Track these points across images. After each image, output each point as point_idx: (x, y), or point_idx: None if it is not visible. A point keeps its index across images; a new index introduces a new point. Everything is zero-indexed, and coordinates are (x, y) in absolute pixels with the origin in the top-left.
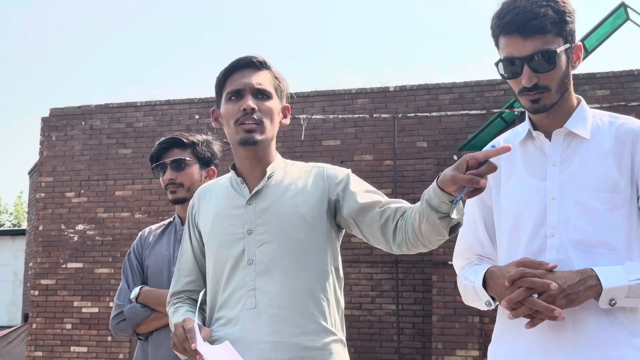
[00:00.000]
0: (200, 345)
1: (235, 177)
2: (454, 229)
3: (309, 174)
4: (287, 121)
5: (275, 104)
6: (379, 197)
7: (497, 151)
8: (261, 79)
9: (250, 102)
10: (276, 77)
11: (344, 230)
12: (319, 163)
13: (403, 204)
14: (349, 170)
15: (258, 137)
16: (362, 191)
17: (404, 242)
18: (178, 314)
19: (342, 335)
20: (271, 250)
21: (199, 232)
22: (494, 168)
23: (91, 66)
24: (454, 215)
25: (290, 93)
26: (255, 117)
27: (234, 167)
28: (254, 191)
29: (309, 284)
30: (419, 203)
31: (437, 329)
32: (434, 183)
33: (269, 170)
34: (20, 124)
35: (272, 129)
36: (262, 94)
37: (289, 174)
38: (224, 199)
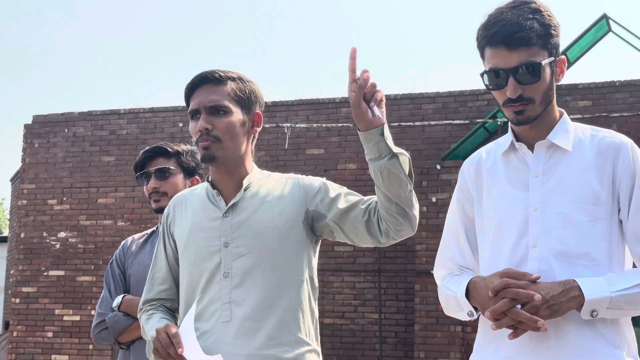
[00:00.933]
0: (188, 351)
1: (211, 189)
2: (411, 177)
3: (285, 185)
4: (258, 129)
5: (235, 118)
6: (357, 197)
7: (351, 57)
8: (217, 95)
9: (204, 123)
10: (240, 88)
11: (320, 240)
12: (292, 174)
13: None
14: (324, 179)
15: (216, 154)
16: (341, 195)
17: (388, 227)
18: (152, 321)
19: (316, 345)
20: (247, 263)
21: (174, 241)
22: (364, 71)
23: (75, 73)
24: (395, 150)
25: (269, 101)
26: (211, 136)
27: (209, 179)
28: (230, 204)
29: (285, 296)
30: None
31: (419, 338)
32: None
33: (245, 182)
34: (3, 130)
35: (234, 144)
36: (218, 111)
37: (265, 186)
38: (200, 210)
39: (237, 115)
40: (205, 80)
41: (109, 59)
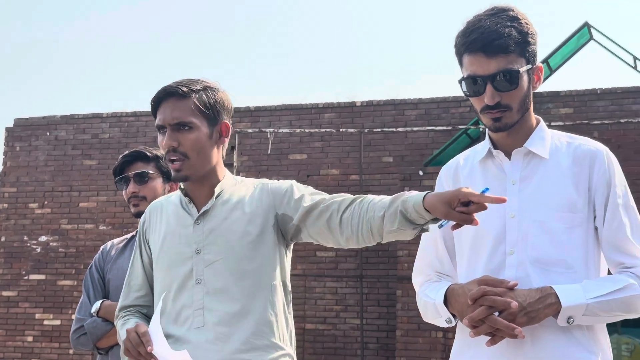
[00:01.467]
0: (157, 349)
1: (183, 197)
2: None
3: (254, 191)
4: (227, 139)
5: (201, 132)
6: (322, 195)
7: (492, 199)
8: (180, 111)
9: (169, 140)
10: (204, 100)
11: (292, 244)
12: (263, 179)
13: (346, 196)
14: (293, 181)
15: (186, 173)
16: (307, 195)
17: (353, 235)
18: (127, 325)
19: (290, 349)
20: (219, 269)
21: (150, 248)
22: (484, 208)
23: (57, 76)
24: (427, 227)
25: (253, 106)
26: (178, 153)
27: (181, 187)
28: (202, 211)
29: (258, 301)
30: (377, 200)
31: (401, 344)
32: (419, 202)
33: (217, 190)
34: None
35: (201, 159)
36: (183, 127)
37: (237, 193)
38: (174, 218)
39: (203, 129)
40: (169, 95)
41: (91, 62)
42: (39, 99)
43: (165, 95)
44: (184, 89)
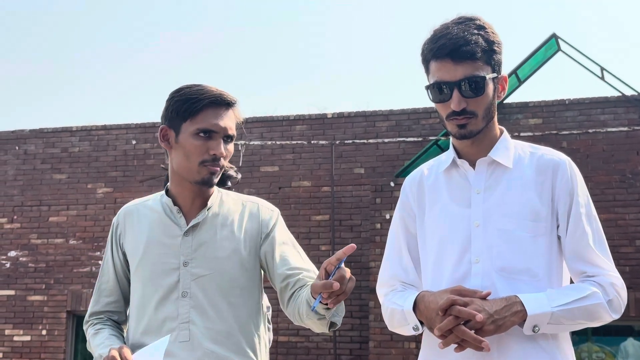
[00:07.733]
0: None
1: (172, 206)
2: (334, 324)
3: (244, 210)
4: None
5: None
6: (293, 256)
7: (344, 252)
8: (231, 122)
9: (223, 150)
10: (238, 115)
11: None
12: (253, 198)
13: (307, 273)
14: (278, 213)
15: (216, 179)
16: (281, 241)
17: (293, 316)
18: (100, 336)
19: None
20: (207, 284)
21: (124, 253)
22: (342, 277)
23: (25, 90)
24: (331, 318)
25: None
26: (221, 163)
27: (168, 193)
28: (192, 223)
29: (242, 320)
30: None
31: (373, 355)
32: (309, 292)
33: (209, 203)
34: None
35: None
36: (229, 139)
37: (226, 207)
38: (158, 226)
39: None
40: (223, 102)
41: (60, 75)
42: (7, 113)
43: (220, 102)
44: (235, 100)
